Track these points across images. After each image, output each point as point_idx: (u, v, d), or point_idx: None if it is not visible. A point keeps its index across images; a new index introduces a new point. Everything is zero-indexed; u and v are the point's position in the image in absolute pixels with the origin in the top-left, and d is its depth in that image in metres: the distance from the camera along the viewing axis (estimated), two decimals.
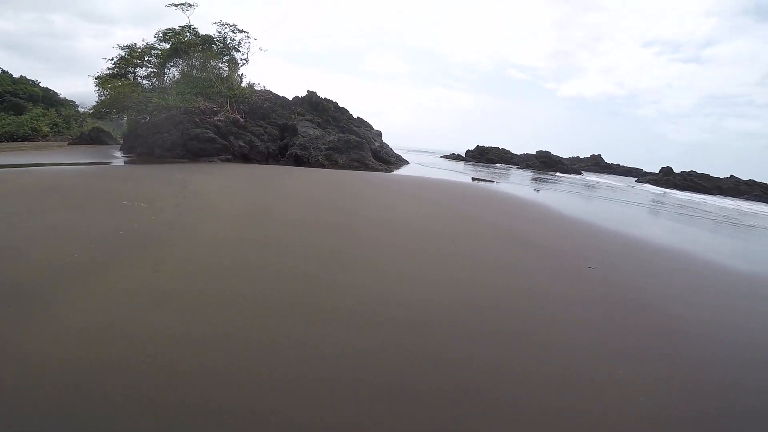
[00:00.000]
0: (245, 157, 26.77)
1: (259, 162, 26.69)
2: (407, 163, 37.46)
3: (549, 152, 63.92)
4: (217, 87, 33.74)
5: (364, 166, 26.34)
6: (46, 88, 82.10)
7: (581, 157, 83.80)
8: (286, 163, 26.52)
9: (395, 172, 27.62)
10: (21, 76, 78.74)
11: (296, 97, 37.07)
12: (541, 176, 43.35)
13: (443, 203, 12.63)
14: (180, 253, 5.59)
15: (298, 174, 18.89)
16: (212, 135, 26.05)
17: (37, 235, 5.74)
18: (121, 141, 41.26)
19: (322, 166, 25.51)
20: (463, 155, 72.17)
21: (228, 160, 25.57)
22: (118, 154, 29.99)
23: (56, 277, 4.50)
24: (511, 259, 7.08)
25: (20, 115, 59.15)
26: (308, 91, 37.14)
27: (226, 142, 26.55)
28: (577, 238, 10.12)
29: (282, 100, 35.75)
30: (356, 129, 34.04)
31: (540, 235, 9.49)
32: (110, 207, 8.49)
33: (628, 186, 42.11)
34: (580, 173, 58.88)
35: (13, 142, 49.83)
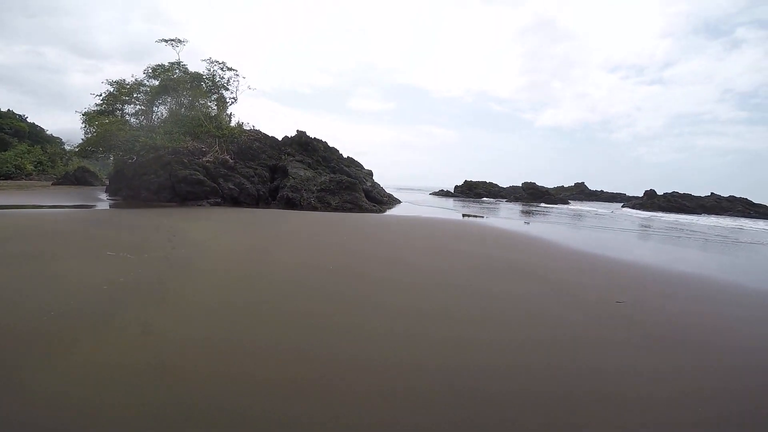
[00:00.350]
0: (235, 200, 26.26)
1: (249, 205, 26.18)
2: (399, 202, 37.46)
3: (534, 183, 65.19)
4: (206, 126, 33.59)
5: (358, 208, 26.07)
6: (33, 123, 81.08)
7: (565, 185, 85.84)
8: (277, 206, 26.08)
9: (388, 212, 27.42)
10: (8, 110, 77.79)
11: (286, 137, 37.18)
12: (530, 208, 43.85)
13: (443, 242, 12.29)
14: (170, 314, 5.03)
15: (291, 218, 18.45)
16: (201, 177, 25.58)
17: (2, 291, 5.13)
18: (107, 182, 40.48)
19: (315, 208, 25.14)
20: (452, 191, 73.07)
21: (217, 204, 25.01)
22: (104, 196, 29.15)
23: (24, 340, 3.90)
24: (522, 292, 6.68)
25: (5, 151, 57.83)
26: (297, 130, 37.37)
27: (215, 185, 26.07)
28: (588, 269, 9.83)
29: (271, 140, 35.77)
30: (347, 169, 34.07)
31: (550, 269, 9.15)
32: (92, 257, 7.87)
33: (615, 212, 42.86)
34: (567, 202, 59.92)
35: None
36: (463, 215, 28.60)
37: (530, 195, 61.81)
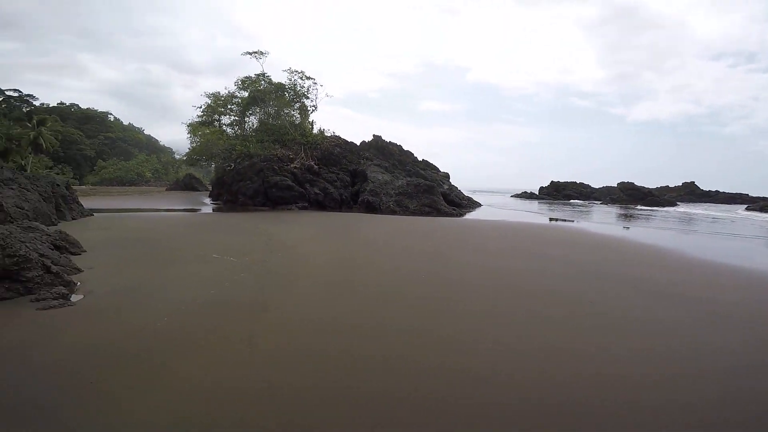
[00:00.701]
0: (320, 205, 27.46)
1: (332, 209, 27.20)
2: (479, 205, 36.07)
3: (633, 183, 58.34)
4: (291, 134, 35.76)
5: (436, 211, 25.60)
6: (149, 135, 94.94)
7: (671, 185, 75.53)
8: (358, 210, 26.69)
9: (468, 215, 26.48)
10: (129, 123, 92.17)
11: (363, 142, 38.01)
12: (629, 211, 39.15)
13: (541, 248, 11.21)
14: (272, 327, 5.07)
15: (374, 222, 18.67)
16: (290, 183, 27.20)
17: (129, 293, 5.70)
18: (210, 187, 45.47)
19: (394, 212, 25.23)
20: (537, 193, 68.65)
21: (305, 208, 26.37)
22: (207, 200, 32.60)
23: (140, 343, 4.17)
24: (660, 316, 5.50)
25: (128, 161, 68.60)
26: (374, 135, 38.00)
27: (302, 190, 27.54)
28: (729, 285, 8.06)
29: (351, 146, 36.84)
30: (422, 172, 33.73)
31: (676, 282, 7.68)
32: (202, 261, 8.53)
33: (737, 216, 36.04)
34: (674, 204, 52.62)
35: (122, 186, 57.60)
36: (554, 219, 26.47)
37: (629, 196, 55.43)
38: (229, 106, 40.71)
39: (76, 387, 3.48)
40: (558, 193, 65.76)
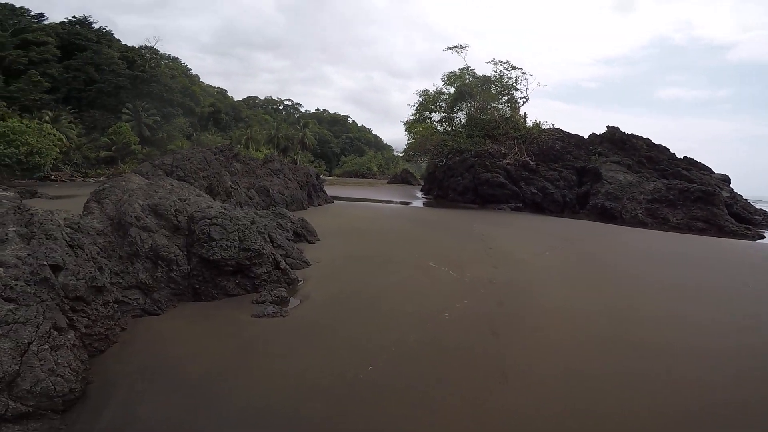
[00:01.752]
0: (537, 206, 24.01)
1: (552, 212, 23.29)
2: None
3: None
4: (502, 128, 33.07)
5: (716, 228, 17.99)
6: (376, 134, 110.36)
7: None
8: (588, 216, 21.83)
9: None
10: (362, 125, 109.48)
11: (593, 135, 31.62)
12: None
13: None
14: (522, 397, 3.17)
15: (624, 236, 14.25)
16: (502, 180, 24.84)
17: (343, 305, 4.87)
18: (422, 182, 48.29)
19: (643, 224, 19.19)
20: None
21: (518, 209, 23.55)
22: (419, 194, 33.98)
23: (340, 393, 2.96)
24: None
25: (361, 156, 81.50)
26: (608, 126, 31.08)
27: (516, 188, 24.73)
28: None
29: (576, 139, 31.16)
30: (685, 173, 24.90)
31: None
32: (418, 268, 7.42)
33: None
34: None
35: (355, 177, 68.75)
36: None
37: None
38: (438, 103, 41.40)
39: None
40: None
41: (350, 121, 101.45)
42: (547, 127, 33.41)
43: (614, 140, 30.40)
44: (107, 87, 56.31)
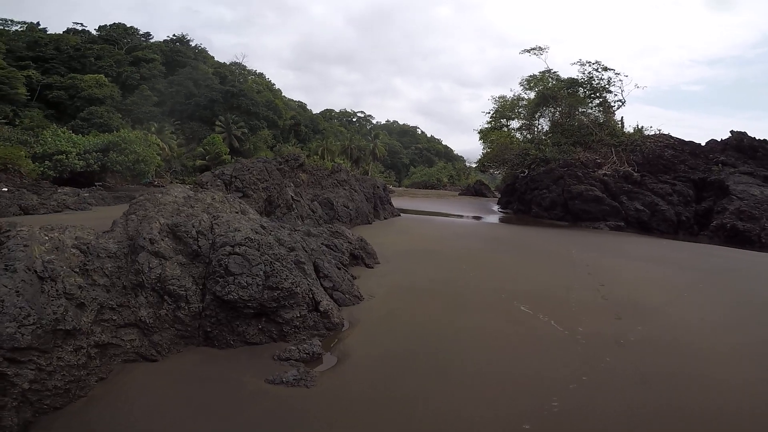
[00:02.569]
0: (643, 225, 20.08)
1: (663, 233, 19.24)
2: None
3: None
4: (596, 134, 29.05)
5: None
6: (446, 145, 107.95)
7: None
8: (711, 240, 17.52)
9: None
10: (431, 135, 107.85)
11: (713, 141, 26.41)
12: None
13: None
14: None
15: None
16: (598, 193, 21.30)
17: (394, 371, 3.26)
18: (497, 194, 44.82)
19: None
20: None
21: (618, 228, 19.88)
22: (495, 207, 31.14)
23: None
24: None
25: (431, 167, 79.80)
26: (732, 131, 25.74)
27: (615, 203, 21.02)
28: None
29: (691, 147, 26.16)
30: None
31: None
32: (501, 313, 5.49)
33: None
34: None
35: (425, 189, 67.07)
36: None
37: None
38: (516, 110, 38.07)
39: None
40: None
41: (419, 132, 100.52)
42: (652, 132, 28.74)
43: (741, 147, 24.94)
44: (203, 101, 62.37)
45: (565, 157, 26.21)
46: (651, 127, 29.24)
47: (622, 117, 31.96)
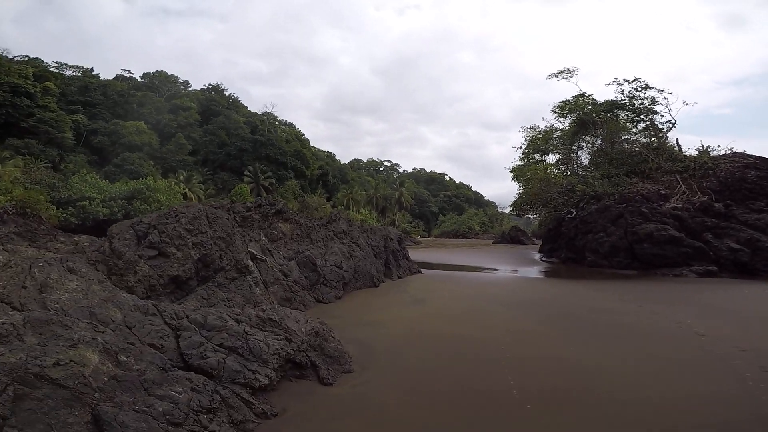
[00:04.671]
0: (742, 268, 15.15)
1: None
2: None
3: None
4: (653, 161, 24.71)
5: None
6: (476, 191, 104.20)
7: None
8: None
9: None
10: (460, 181, 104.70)
11: None
12: None
13: None
14: None
15: None
16: (674, 233, 16.72)
17: None
18: (536, 241, 39.88)
19: None
20: None
21: (710, 273, 15.02)
22: (537, 257, 26.58)
23: None
24: None
25: (461, 215, 75.77)
26: None
27: (699, 243, 16.30)
28: None
29: None
30: None
31: None
32: None
33: None
34: None
35: (455, 238, 62.74)
36: None
37: None
38: (551, 141, 34.27)
39: None
40: None
41: (447, 179, 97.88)
42: (721, 153, 24.23)
43: None
44: (233, 150, 62.96)
45: (621, 191, 21.93)
46: (719, 146, 24.74)
47: (677, 139, 27.62)
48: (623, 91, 28.32)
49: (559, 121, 33.02)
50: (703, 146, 24.90)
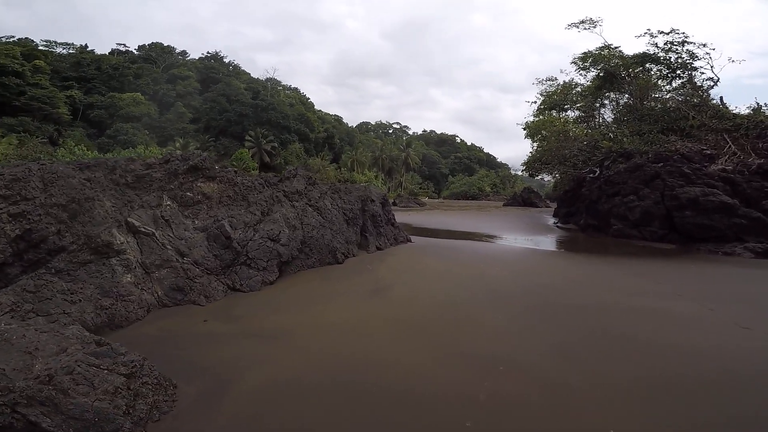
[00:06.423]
0: None
1: None
2: None
3: None
4: (694, 118, 20.87)
5: None
6: (488, 153, 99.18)
7: None
8: None
9: None
10: (471, 143, 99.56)
11: None
12: None
13: None
14: None
15: None
16: (725, 199, 13.41)
17: None
18: (550, 203, 36.47)
19: None
20: None
21: None
22: (551, 222, 23.49)
23: None
24: None
25: (471, 176, 72.10)
26: None
27: (758, 213, 13.01)
28: None
29: None
30: None
31: None
32: None
33: None
34: None
35: (464, 199, 59.64)
36: None
37: None
38: (570, 97, 30.07)
39: None
40: None
41: (458, 140, 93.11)
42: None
43: None
44: (233, 116, 60.71)
45: (655, 149, 18.37)
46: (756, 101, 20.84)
47: (720, 97, 23.34)
48: (656, 44, 23.81)
49: (581, 74, 28.62)
50: (757, 103, 20.84)
